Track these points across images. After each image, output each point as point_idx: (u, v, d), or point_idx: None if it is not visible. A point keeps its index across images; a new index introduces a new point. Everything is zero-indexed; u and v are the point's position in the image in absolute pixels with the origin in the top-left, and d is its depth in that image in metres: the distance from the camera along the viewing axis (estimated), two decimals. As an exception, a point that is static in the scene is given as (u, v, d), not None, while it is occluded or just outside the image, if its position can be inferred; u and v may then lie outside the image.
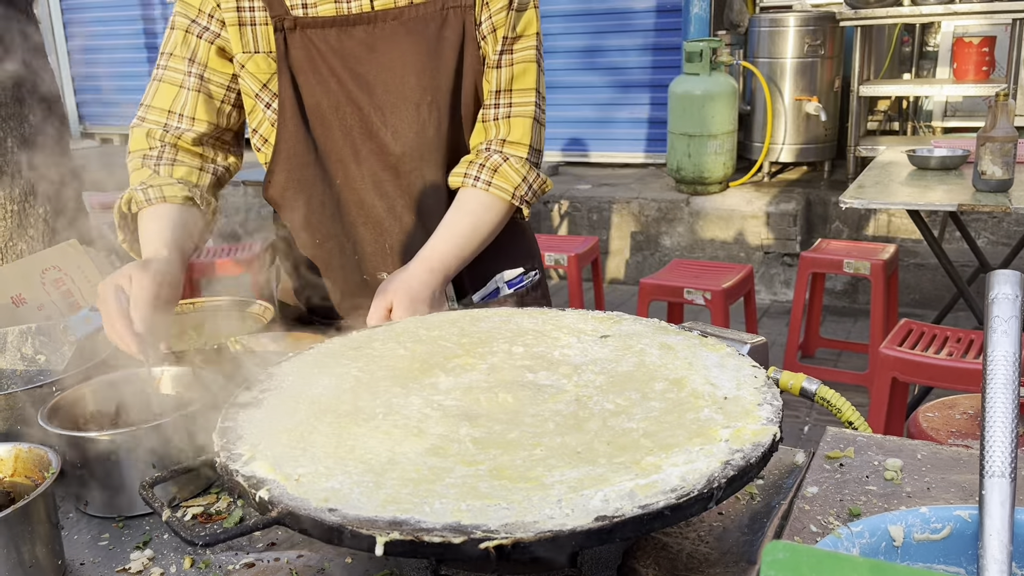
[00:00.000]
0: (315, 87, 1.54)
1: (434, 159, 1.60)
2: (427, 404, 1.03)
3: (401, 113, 1.56)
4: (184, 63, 1.56)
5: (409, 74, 1.54)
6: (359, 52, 1.53)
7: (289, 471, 0.88)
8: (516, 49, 1.58)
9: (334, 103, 1.55)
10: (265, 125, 1.60)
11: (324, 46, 1.52)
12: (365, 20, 1.52)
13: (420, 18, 1.53)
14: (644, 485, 0.80)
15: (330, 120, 1.56)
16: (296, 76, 1.54)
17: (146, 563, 1.03)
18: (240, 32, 1.53)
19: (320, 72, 1.54)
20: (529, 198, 1.61)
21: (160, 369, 1.30)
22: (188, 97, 1.56)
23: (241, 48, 1.54)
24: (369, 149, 1.58)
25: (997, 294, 0.75)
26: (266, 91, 1.57)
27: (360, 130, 1.57)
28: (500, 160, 1.57)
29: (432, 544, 0.75)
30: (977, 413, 2.28)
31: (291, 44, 1.53)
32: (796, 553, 0.53)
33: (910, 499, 0.99)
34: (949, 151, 4.07)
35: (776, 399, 0.98)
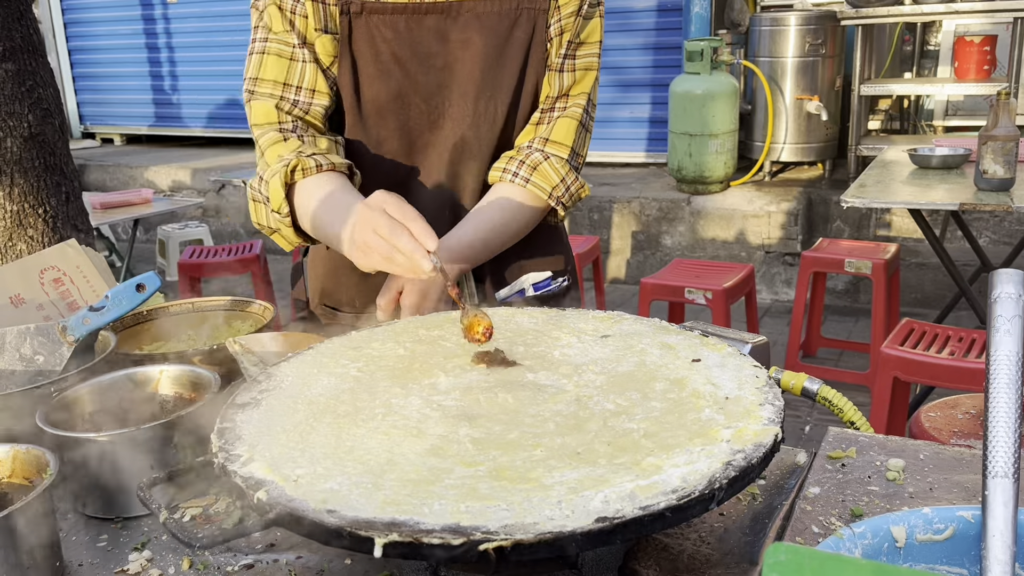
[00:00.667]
0: (376, 75, 1.51)
1: (485, 155, 1.59)
2: (426, 404, 1.02)
3: (461, 105, 1.54)
4: (290, 35, 1.50)
5: (475, 68, 1.53)
6: (429, 42, 1.51)
7: (287, 472, 0.88)
8: (579, 55, 1.59)
9: (394, 92, 1.52)
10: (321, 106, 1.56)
11: (391, 34, 1.49)
12: (437, 10, 1.50)
13: (494, 14, 1.52)
14: (645, 486, 0.80)
15: (387, 110, 1.54)
16: (357, 62, 1.51)
17: (144, 564, 1.03)
18: (314, 8, 1.49)
19: (383, 60, 1.50)
20: (566, 200, 1.60)
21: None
22: (304, 69, 1.51)
23: (315, 24, 1.50)
24: (425, 141, 1.56)
25: (1000, 293, 0.74)
26: (329, 73, 1.53)
27: (419, 121, 1.55)
28: (541, 158, 1.56)
29: (431, 545, 0.74)
30: (979, 413, 2.27)
31: (355, 29, 1.49)
32: (798, 555, 0.52)
33: (912, 500, 0.98)
34: (951, 150, 4.07)
35: (778, 399, 0.97)
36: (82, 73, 9.90)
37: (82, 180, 6.79)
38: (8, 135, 2.66)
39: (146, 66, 9.40)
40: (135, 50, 9.40)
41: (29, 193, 2.70)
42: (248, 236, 7.64)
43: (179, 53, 9.17)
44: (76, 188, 2.87)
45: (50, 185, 2.74)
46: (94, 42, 9.72)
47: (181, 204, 5.94)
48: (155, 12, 9.17)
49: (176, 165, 8.21)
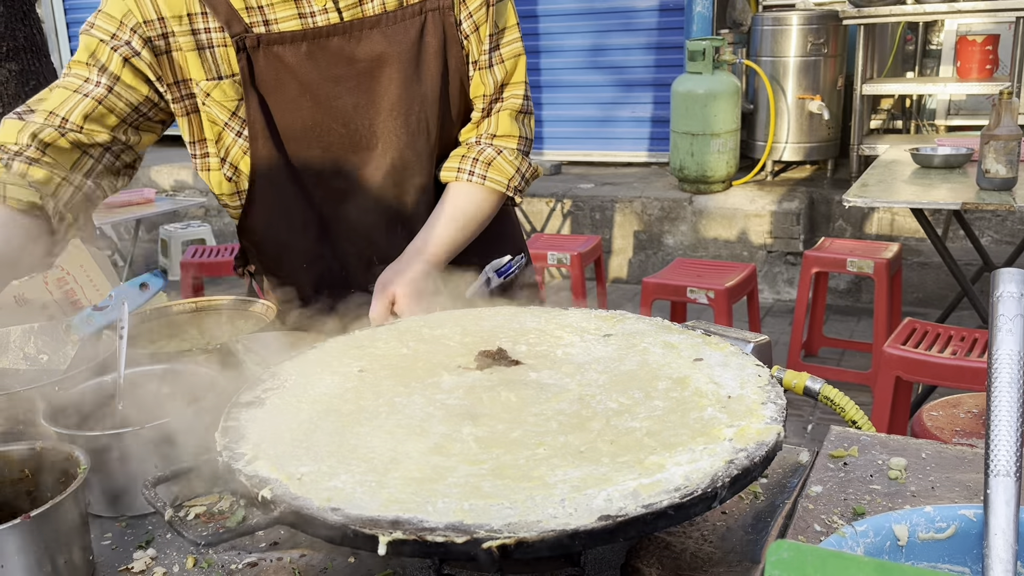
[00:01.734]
0: (287, 105, 1.47)
1: (426, 168, 1.58)
2: (430, 403, 1.02)
3: (389, 125, 1.51)
4: (90, 71, 1.43)
5: (393, 85, 1.49)
6: (336, 64, 1.46)
7: (292, 470, 0.88)
8: (503, 44, 1.57)
9: (310, 120, 1.48)
10: (235, 152, 1.52)
11: (295, 61, 1.44)
12: (339, 31, 1.45)
13: (399, 25, 1.47)
14: (647, 484, 0.80)
15: (307, 138, 1.50)
16: (265, 97, 1.46)
17: (149, 563, 1.03)
18: (200, 57, 1.44)
19: (290, 91, 1.46)
20: (522, 187, 1.62)
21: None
22: (82, 103, 1.42)
23: (204, 75, 1.45)
24: (353, 163, 1.53)
25: (1002, 292, 0.74)
26: (235, 119, 1.48)
27: (342, 145, 1.51)
28: (494, 153, 1.57)
29: (435, 544, 0.74)
30: (981, 412, 2.27)
31: (256, 64, 1.44)
32: (800, 553, 0.53)
33: (915, 498, 0.99)
34: (953, 149, 4.07)
35: (780, 398, 0.97)
36: (84, 73, 9.90)
37: (85, 180, 6.76)
38: (11, 135, 2.66)
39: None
40: (137, 50, 9.39)
41: (32, 193, 2.70)
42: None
43: (181, 53, 9.17)
44: (79, 188, 2.88)
45: (53, 185, 2.74)
46: (96, 42, 9.71)
47: (183, 204, 5.95)
48: (157, 12, 9.16)
49: (178, 165, 8.21)
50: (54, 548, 0.94)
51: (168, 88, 1.47)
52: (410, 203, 1.59)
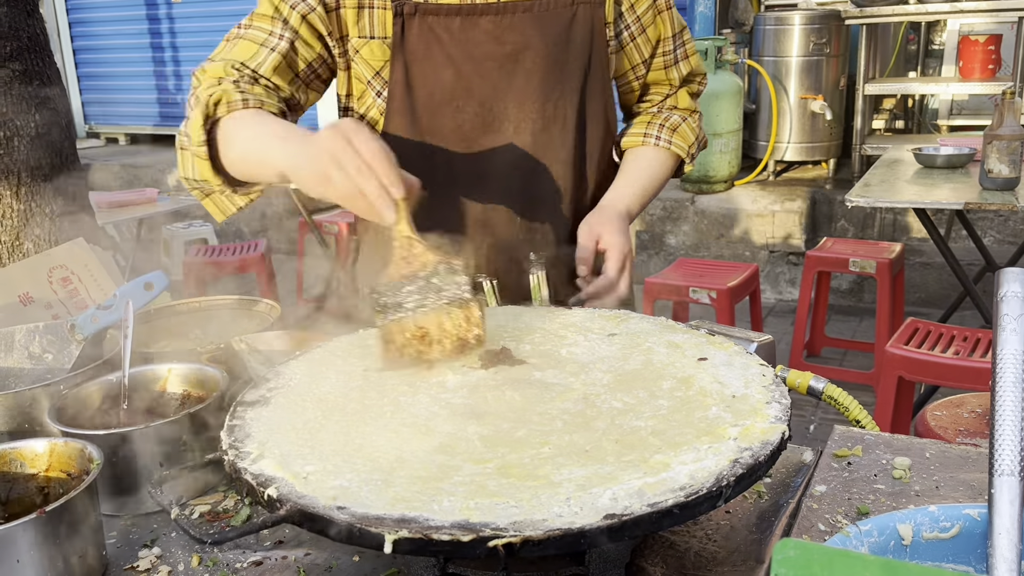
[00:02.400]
0: (429, 76, 1.49)
1: (557, 156, 1.57)
2: (435, 402, 1.03)
3: (528, 109, 1.52)
4: (274, 24, 1.44)
5: (536, 71, 1.50)
6: (484, 43, 1.48)
7: (297, 469, 0.88)
8: (687, 41, 1.69)
9: (448, 95, 1.50)
10: (373, 112, 1.54)
11: (446, 35, 1.47)
12: (492, 11, 1.47)
13: (550, 12, 1.49)
14: (653, 483, 0.80)
15: (441, 112, 1.51)
16: (409, 64, 1.48)
17: (154, 561, 1.04)
18: (358, 15, 1.46)
19: (436, 61, 1.48)
20: (695, 154, 1.72)
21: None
22: (270, 57, 1.43)
23: (357, 32, 1.47)
24: (482, 145, 1.53)
25: (1006, 292, 0.75)
26: (378, 79, 1.50)
27: (475, 124, 1.52)
28: (679, 120, 1.69)
29: (441, 542, 0.75)
30: (985, 411, 2.27)
31: (408, 30, 1.46)
32: (807, 551, 0.53)
33: (919, 498, 0.99)
34: (955, 149, 4.06)
35: (784, 397, 0.97)
36: (87, 73, 9.92)
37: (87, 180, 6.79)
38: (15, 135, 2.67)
39: (150, 66, 9.42)
40: (140, 50, 9.42)
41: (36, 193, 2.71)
42: (252, 236, 7.66)
43: (183, 53, 9.18)
44: (82, 188, 2.88)
45: (56, 185, 2.74)
46: (99, 42, 9.74)
47: (185, 203, 5.94)
48: (159, 12, 9.19)
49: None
50: (67, 545, 0.94)
51: (336, 43, 1.50)
52: (536, 192, 1.58)
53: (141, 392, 1.29)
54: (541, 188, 1.57)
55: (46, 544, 0.92)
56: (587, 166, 1.62)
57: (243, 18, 1.50)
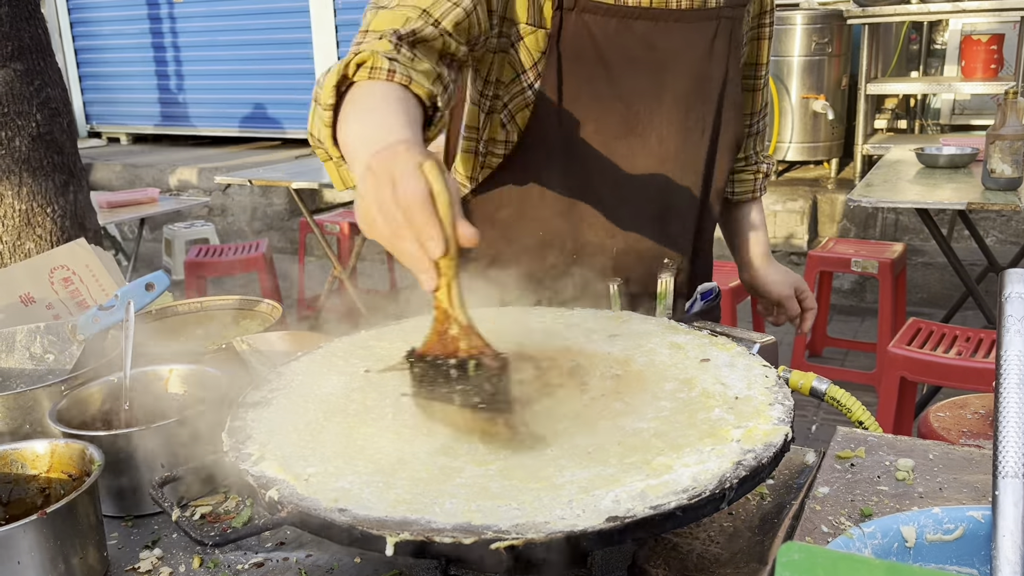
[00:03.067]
0: (580, 74, 1.47)
1: (694, 167, 1.57)
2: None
3: (672, 116, 1.52)
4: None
5: (684, 77, 1.51)
6: (636, 47, 1.47)
7: (299, 471, 0.88)
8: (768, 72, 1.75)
9: (596, 94, 1.49)
10: (518, 101, 1.49)
11: (600, 34, 1.45)
12: (648, 16, 1.46)
13: (698, 24, 1.50)
14: (655, 485, 0.80)
15: (586, 112, 1.49)
16: (563, 59, 1.46)
17: (155, 562, 1.03)
18: (529, 2, 1.43)
19: (589, 59, 1.46)
20: None
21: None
22: (453, 11, 1.29)
23: (527, 18, 1.44)
24: (623, 148, 1.52)
25: (1010, 293, 0.74)
26: (533, 70, 1.47)
27: (618, 127, 1.51)
28: (769, 168, 1.83)
29: (442, 544, 0.74)
30: (989, 413, 2.27)
31: (566, 25, 1.44)
32: (811, 554, 0.52)
33: (922, 499, 0.98)
34: (958, 149, 4.06)
35: (787, 399, 0.97)
36: (88, 72, 9.93)
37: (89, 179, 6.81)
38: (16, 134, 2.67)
39: (152, 65, 9.42)
40: (141, 49, 9.42)
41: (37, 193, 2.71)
42: (254, 235, 7.66)
43: (185, 52, 9.19)
44: (84, 187, 2.88)
45: (58, 184, 2.74)
46: (100, 41, 9.75)
47: (187, 203, 5.95)
48: (161, 11, 9.19)
49: (182, 164, 8.22)
50: (68, 546, 0.94)
51: (498, 22, 1.44)
52: (670, 200, 1.57)
53: (142, 393, 1.28)
54: (676, 196, 1.57)
55: (47, 545, 0.92)
56: (714, 179, 1.62)
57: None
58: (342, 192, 1.37)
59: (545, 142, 1.51)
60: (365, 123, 1.09)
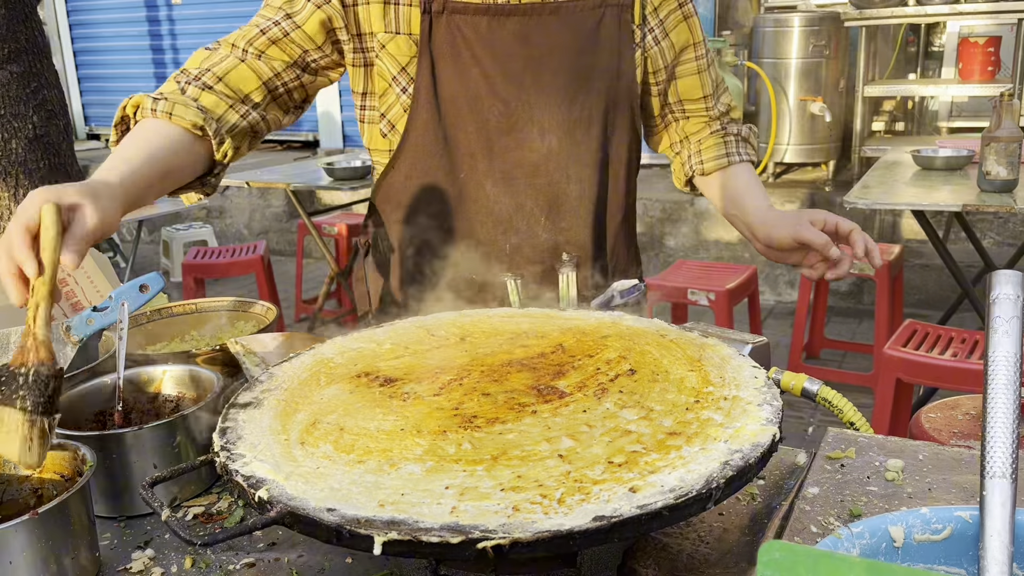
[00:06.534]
0: (454, 75, 1.49)
1: (584, 160, 1.57)
2: (427, 404, 1.02)
3: (552, 110, 1.51)
4: (277, 13, 1.47)
5: (563, 71, 1.50)
6: (510, 43, 1.48)
7: (289, 471, 0.88)
8: (709, 49, 1.69)
9: (473, 94, 1.50)
10: (396, 110, 1.53)
11: (472, 34, 1.47)
12: (520, 11, 1.47)
13: (577, 15, 1.49)
14: (642, 485, 0.80)
15: (465, 111, 1.51)
16: (436, 62, 1.48)
17: (147, 563, 1.04)
18: (384, 10, 1.47)
19: (463, 60, 1.48)
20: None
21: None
22: (261, 40, 1.47)
23: (384, 27, 1.48)
24: (505, 144, 1.52)
25: (998, 294, 0.74)
26: (404, 75, 1.50)
27: (499, 124, 1.52)
28: (748, 131, 1.74)
29: (430, 544, 0.75)
30: (979, 414, 2.26)
31: (436, 28, 1.47)
32: (792, 553, 0.53)
33: (911, 500, 0.99)
34: (954, 151, 4.06)
35: (776, 399, 0.97)
36: (87, 74, 9.93)
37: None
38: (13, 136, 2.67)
39: (151, 67, 9.43)
40: (140, 51, 9.43)
41: (34, 194, 2.71)
42: (252, 237, 7.66)
43: (184, 55, 9.20)
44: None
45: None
46: (99, 43, 9.75)
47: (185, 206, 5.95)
48: (160, 14, 9.20)
49: (180, 166, 8.21)
50: (60, 546, 0.94)
51: (350, 39, 1.50)
52: (560, 194, 1.58)
53: (136, 394, 1.29)
54: (565, 190, 1.57)
55: (39, 545, 0.92)
56: (611, 170, 1.62)
57: (242, 21, 1.51)
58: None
59: (427, 145, 1.53)
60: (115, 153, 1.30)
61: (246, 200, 7.66)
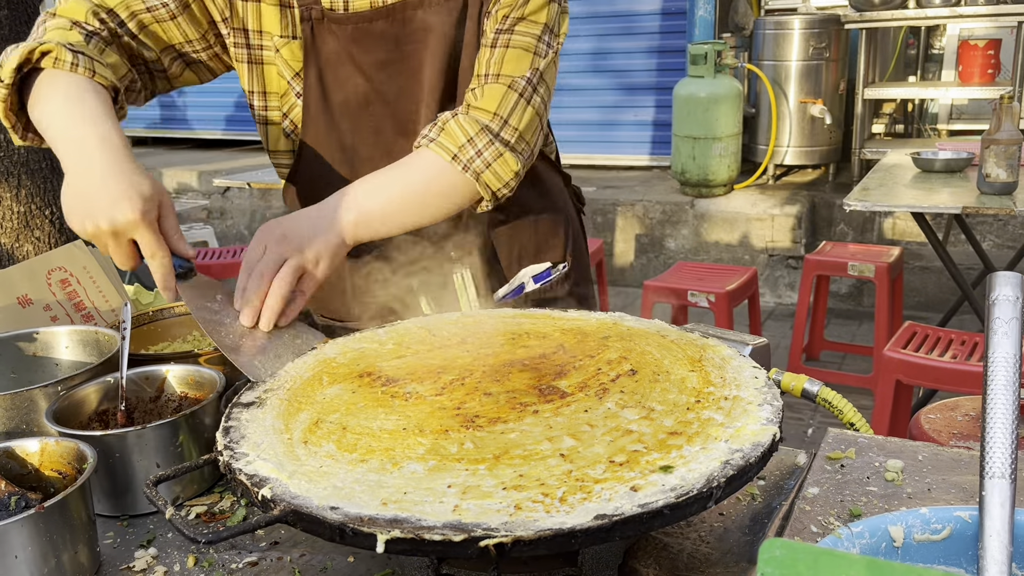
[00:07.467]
0: (342, 82, 1.46)
1: None
2: (429, 404, 1.03)
3: (432, 109, 1.48)
4: None
5: (435, 72, 1.46)
6: (383, 47, 1.45)
7: (291, 469, 0.89)
8: (516, 31, 1.41)
9: (363, 100, 1.47)
10: (296, 112, 1.51)
11: (349, 40, 1.44)
12: (383, 15, 1.43)
13: (441, 6, 1.44)
14: (643, 484, 0.81)
15: (358, 116, 1.48)
16: (323, 70, 1.45)
17: (150, 561, 1.04)
18: (281, 13, 1.44)
19: (346, 67, 1.45)
20: (478, 168, 1.37)
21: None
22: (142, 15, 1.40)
23: (280, 31, 1.44)
24: (401, 147, 1.48)
25: (998, 296, 0.75)
26: (298, 80, 1.48)
27: (391, 127, 1.49)
28: (449, 116, 1.39)
29: (432, 542, 0.75)
30: (978, 414, 2.27)
31: (319, 35, 1.44)
32: (792, 550, 0.53)
33: (911, 500, 0.99)
34: (954, 154, 4.07)
35: (776, 399, 0.98)
36: (88, 75, 9.92)
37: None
38: (15, 137, 2.67)
39: (152, 68, 9.43)
40: (141, 52, 9.42)
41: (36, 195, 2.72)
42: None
43: (184, 55, 9.19)
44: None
45: (57, 187, 2.75)
46: (100, 44, 9.74)
47: (186, 206, 5.97)
48: (161, 15, 9.19)
49: (181, 167, 8.24)
50: (60, 542, 0.95)
51: (232, 32, 1.46)
52: None
53: (139, 393, 1.29)
54: None
55: (40, 540, 0.93)
56: None
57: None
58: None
59: (324, 151, 1.51)
60: (70, 111, 1.23)
61: (247, 201, 7.67)
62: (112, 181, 1.16)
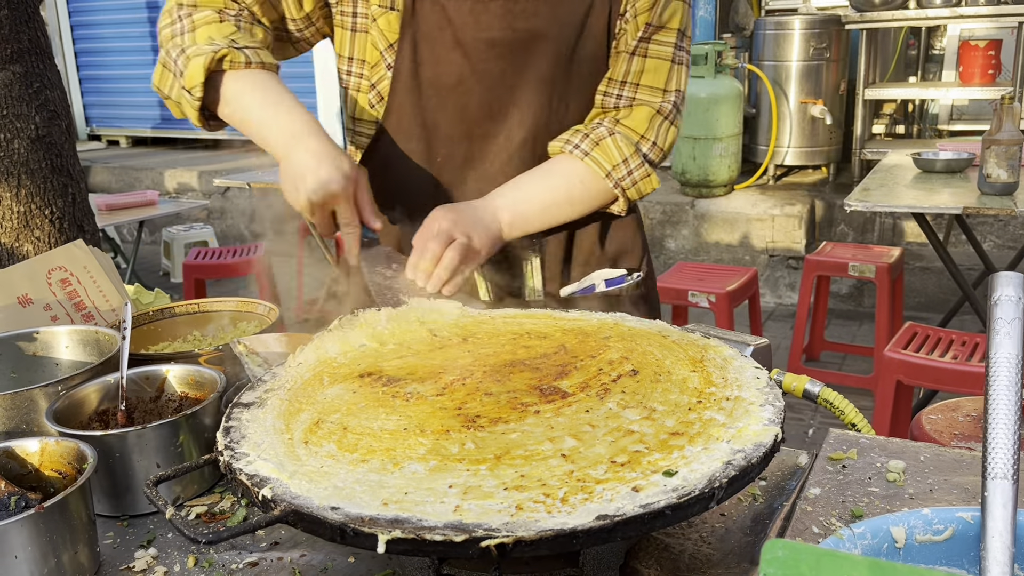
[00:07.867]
0: (436, 57, 1.45)
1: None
2: (430, 404, 1.03)
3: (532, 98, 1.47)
4: None
5: (546, 60, 1.45)
6: (495, 28, 1.43)
7: (292, 469, 0.89)
8: (654, 40, 1.49)
9: (456, 77, 1.46)
10: (385, 83, 1.50)
11: (456, 16, 1.42)
12: None
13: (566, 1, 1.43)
14: (645, 484, 0.80)
15: (447, 94, 1.47)
16: (418, 43, 1.45)
17: (150, 562, 1.04)
18: None
19: (445, 42, 1.44)
20: (627, 185, 1.51)
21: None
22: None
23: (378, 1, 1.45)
24: (485, 130, 1.49)
25: (1000, 296, 0.75)
26: (391, 51, 1.47)
27: (479, 109, 1.48)
28: (606, 133, 1.50)
29: (433, 543, 0.75)
30: (980, 415, 2.27)
31: (419, 8, 1.43)
32: (795, 551, 0.53)
33: (912, 501, 0.99)
34: (954, 154, 4.07)
35: (778, 400, 0.98)
36: (88, 75, 9.94)
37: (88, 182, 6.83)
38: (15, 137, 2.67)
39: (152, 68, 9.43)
40: (141, 52, 9.44)
41: (36, 194, 2.72)
42: (253, 238, 7.66)
43: (185, 55, 9.20)
44: (82, 190, 2.89)
45: (56, 187, 2.75)
46: (101, 44, 9.76)
47: (186, 206, 5.97)
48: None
49: (181, 167, 8.24)
50: (60, 542, 0.95)
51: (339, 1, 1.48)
52: None
53: (139, 393, 1.29)
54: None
55: (40, 540, 0.93)
56: None
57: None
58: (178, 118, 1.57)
59: (405, 126, 1.51)
60: (265, 108, 1.38)
61: (247, 201, 7.67)
62: (321, 162, 1.32)
